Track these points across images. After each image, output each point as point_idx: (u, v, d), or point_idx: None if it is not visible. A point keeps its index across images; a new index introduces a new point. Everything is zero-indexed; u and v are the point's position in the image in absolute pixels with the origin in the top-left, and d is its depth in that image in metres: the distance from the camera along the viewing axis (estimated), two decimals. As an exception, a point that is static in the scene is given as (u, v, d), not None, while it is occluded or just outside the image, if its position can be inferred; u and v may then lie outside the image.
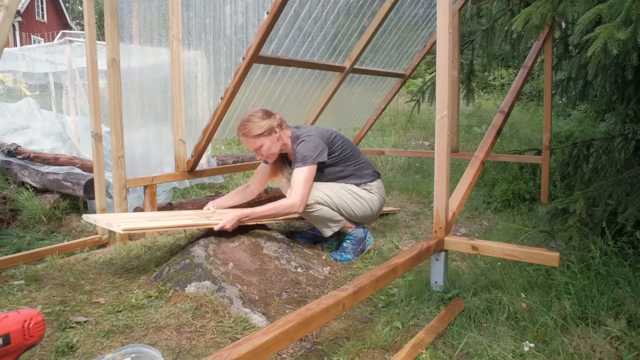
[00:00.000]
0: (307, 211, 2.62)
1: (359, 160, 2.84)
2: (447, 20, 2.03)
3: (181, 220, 2.50)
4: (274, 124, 2.63)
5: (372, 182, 2.86)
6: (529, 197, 3.88)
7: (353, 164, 2.81)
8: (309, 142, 2.62)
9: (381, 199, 2.89)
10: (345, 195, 2.73)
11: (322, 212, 2.65)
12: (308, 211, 2.62)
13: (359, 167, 2.83)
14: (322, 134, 2.72)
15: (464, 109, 8.73)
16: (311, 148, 2.59)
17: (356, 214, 2.76)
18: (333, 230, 2.72)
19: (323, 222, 2.70)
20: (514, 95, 3.44)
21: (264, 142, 2.63)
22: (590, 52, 1.79)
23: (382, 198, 2.90)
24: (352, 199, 2.74)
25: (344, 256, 2.70)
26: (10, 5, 2.29)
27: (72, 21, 27.27)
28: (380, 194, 2.87)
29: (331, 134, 2.77)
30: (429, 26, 4.78)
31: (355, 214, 2.76)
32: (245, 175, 5.52)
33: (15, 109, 6.10)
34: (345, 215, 2.74)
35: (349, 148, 2.81)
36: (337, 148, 2.75)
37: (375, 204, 2.85)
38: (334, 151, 2.73)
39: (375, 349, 1.72)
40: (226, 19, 3.10)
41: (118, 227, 2.23)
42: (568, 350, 1.60)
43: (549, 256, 1.92)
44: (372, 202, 2.82)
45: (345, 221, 2.74)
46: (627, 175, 2.47)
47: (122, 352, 1.50)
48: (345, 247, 2.74)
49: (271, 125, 2.62)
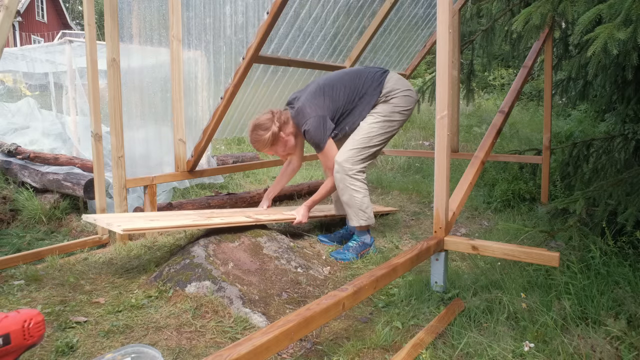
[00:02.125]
0: (353, 177, 2.66)
1: (360, 91, 2.73)
2: (447, 20, 2.03)
3: (184, 220, 2.50)
4: (275, 130, 2.66)
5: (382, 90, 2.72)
6: (529, 197, 3.88)
7: (358, 100, 2.73)
8: (310, 127, 2.63)
9: (399, 90, 2.72)
10: (371, 134, 2.69)
11: (360, 191, 2.67)
12: (354, 177, 2.67)
13: (363, 95, 2.73)
14: (317, 105, 2.66)
15: (464, 109, 8.73)
16: (315, 132, 2.63)
17: (394, 126, 2.74)
18: (360, 223, 2.71)
19: (357, 208, 2.69)
20: (514, 95, 3.44)
21: (276, 149, 2.77)
22: (590, 52, 1.79)
23: (398, 88, 2.73)
24: (377, 130, 2.70)
25: (347, 254, 2.69)
26: (10, 5, 2.29)
27: (72, 21, 27.27)
28: (394, 87, 2.72)
29: (323, 100, 2.68)
30: (429, 26, 4.78)
31: (393, 127, 2.74)
32: (245, 175, 5.52)
33: (16, 109, 6.11)
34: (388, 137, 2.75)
35: (344, 92, 2.71)
36: (340, 106, 2.71)
37: (399, 102, 2.72)
38: (337, 110, 2.71)
39: (375, 349, 1.72)
40: (226, 19, 3.11)
41: (118, 227, 2.23)
42: (568, 350, 1.60)
43: (549, 256, 1.92)
44: (393, 108, 2.72)
45: (372, 220, 2.74)
46: (627, 175, 2.47)
47: (122, 352, 1.50)
48: (350, 245, 2.74)
49: (273, 134, 2.66)
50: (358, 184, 2.68)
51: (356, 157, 2.67)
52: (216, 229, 2.53)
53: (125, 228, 2.22)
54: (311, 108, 2.64)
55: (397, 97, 2.71)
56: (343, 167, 2.65)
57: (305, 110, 2.65)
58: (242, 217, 2.72)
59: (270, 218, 2.75)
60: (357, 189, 2.68)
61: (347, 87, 2.72)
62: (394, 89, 2.71)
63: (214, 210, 3.17)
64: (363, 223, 2.71)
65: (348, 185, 2.67)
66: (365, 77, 2.74)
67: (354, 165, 2.67)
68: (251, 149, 7.38)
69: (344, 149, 2.69)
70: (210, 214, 2.85)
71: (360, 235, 2.76)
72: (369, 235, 2.78)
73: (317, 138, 2.64)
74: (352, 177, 2.67)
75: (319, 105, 2.65)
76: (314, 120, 2.62)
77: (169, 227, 2.40)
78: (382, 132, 2.70)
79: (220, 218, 2.61)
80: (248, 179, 5.40)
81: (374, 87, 2.71)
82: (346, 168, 2.65)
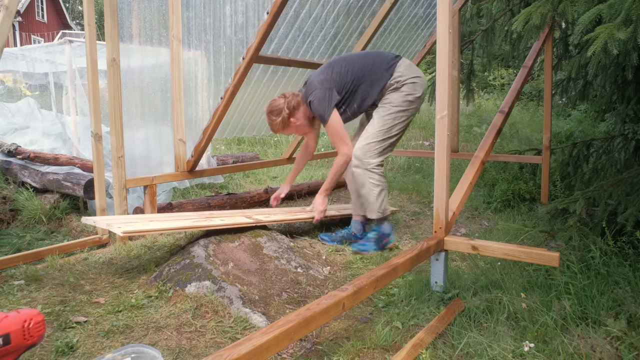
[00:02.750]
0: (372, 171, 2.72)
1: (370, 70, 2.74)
2: (447, 20, 2.03)
3: (183, 221, 2.50)
4: (285, 117, 2.80)
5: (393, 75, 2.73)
6: (529, 197, 3.88)
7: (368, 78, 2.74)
8: (315, 99, 2.71)
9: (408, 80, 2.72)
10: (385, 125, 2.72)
11: (379, 185, 2.73)
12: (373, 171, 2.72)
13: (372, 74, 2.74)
14: (324, 79, 2.73)
15: (464, 109, 8.73)
16: (320, 103, 2.70)
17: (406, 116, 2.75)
18: (377, 215, 2.77)
19: (373, 201, 2.74)
20: (514, 95, 3.44)
21: (290, 130, 2.93)
22: (591, 52, 1.79)
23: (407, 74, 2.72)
24: (391, 121, 2.72)
25: (367, 245, 2.76)
26: (10, 5, 2.28)
27: (72, 21, 27.26)
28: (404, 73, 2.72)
29: (331, 73, 2.74)
30: (429, 26, 4.78)
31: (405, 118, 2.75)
32: (245, 175, 5.52)
33: (16, 109, 6.10)
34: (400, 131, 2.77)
35: (352, 69, 2.74)
36: (348, 81, 2.73)
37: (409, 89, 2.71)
38: (345, 85, 2.74)
39: (375, 349, 1.72)
40: (226, 19, 3.11)
41: (118, 229, 2.23)
42: (568, 350, 1.60)
43: (549, 256, 1.92)
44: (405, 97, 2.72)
45: (388, 212, 2.81)
46: (627, 175, 2.46)
47: (122, 352, 1.50)
48: (370, 237, 2.80)
49: (283, 120, 2.81)
50: (377, 177, 2.75)
51: (374, 151, 2.72)
52: (216, 229, 2.53)
53: (125, 230, 2.22)
54: (318, 81, 2.74)
55: (407, 84, 2.72)
56: (362, 162, 2.71)
57: (312, 83, 2.75)
58: (242, 217, 2.73)
59: (286, 218, 2.84)
60: (376, 183, 2.74)
61: (356, 64, 2.76)
62: (404, 75, 2.72)
63: (214, 211, 3.17)
64: (380, 216, 2.78)
65: (367, 179, 2.73)
66: (375, 58, 2.79)
67: (372, 159, 2.72)
68: (251, 149, 7.39)
69: (360, 142, 2.74)
70: (210, 214, 2.85)
71: (379, 225, 2.82)
72: (387, 224, 2.83)
73: (321, 109, 2.70)
74: (371, 171, 2.72)
75: (326, 78, 2.73)
76: (319, 92, 2.70)
77: (168, 228, 2.41)
78: (396, 123, 2.73)
79: (220, 219, 2.61)
80: (248, 179, 5.40)
81: (384, 69, 2.73)
82: (365, 162, 2.71)
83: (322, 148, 7.19)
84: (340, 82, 2.72)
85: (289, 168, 5.89)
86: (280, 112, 2.79)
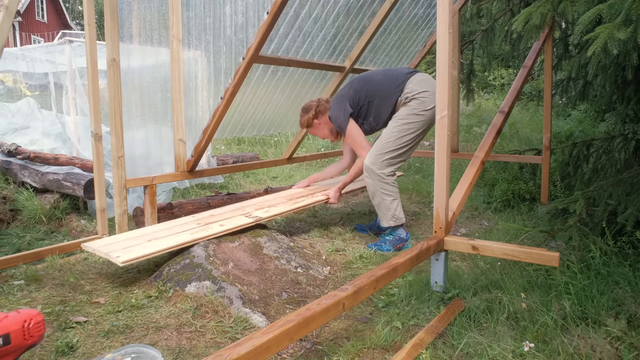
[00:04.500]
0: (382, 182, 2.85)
1: (382, 87, 2.94)
2: (447, 20, 2.03)
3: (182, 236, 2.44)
4: (310, 117, 3.12)
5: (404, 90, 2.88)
6: (529, 197, 3.88)
7: (379, 95, 2.94)
8: (332, 113, 3.02)
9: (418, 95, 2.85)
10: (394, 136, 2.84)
11: (390, 194, 2.85)
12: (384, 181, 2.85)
13: (383, 91, 2.93)
14: (342, 95, 3.02)
15: (464, 109, 8.74)
16: (336, 116, 2.98)
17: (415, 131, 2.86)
18: (390, 224, 2.88)
19: (385, 210, 2.85)
20: (514, 95, 3.44)
21: (312, 130, 3.22)
22: (591, 52, 1.79)
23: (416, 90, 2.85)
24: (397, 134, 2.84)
25: (383, 246, 2.85)
26: (10, 5, 2.28)
27: (72, 21, 27.26)
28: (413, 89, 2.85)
29: (348, 90, 3.01)
30: (429, 26, 4.78)
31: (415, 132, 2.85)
32: (245, 175, 5.52)
33: (16, 109, 6.10)
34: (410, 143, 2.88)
35: (367, 86, 2.96)
36: (362, 99, 2.97)
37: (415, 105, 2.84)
38: (359, 101, 2.98)
39: (375, 349, 1.72)
40: (226, 19, 3.10)
41: (117, 259, 2.12)
42: (568, 350, 1.60)
43: (549, 256, 1.92)
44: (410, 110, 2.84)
45: (402, 220, 2.90)
46: (627, 175, 2.46)
47: (122, 352, 1.50)
48: (387, 239, 2.89)
49: (308, 119, 3.13)
50: (388, 187, 2.86)
51: (383, 162, 2.85)
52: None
53: (124, 260, 2.12)
54: (337, 96, 3.04)
55: (415, 99, 2.85)
56: (373, 172, 2.85)
57: (334, 99, 3.07)
58: (242, 217, 2.72)
59: (288, 209, 2.91)
60: (388, 193, 2.86)
61: (371, 82, 2.99)
62: (414, 90, 2.86)
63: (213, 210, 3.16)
64: (392, 224, 2.89)
65: (378, 189, 2.86)
66: (390, 76, 2.97)
67: (382, 169, 2.84)
68: (251, 149, 7.39)
69: (371, 153, 2.90)
70: (209, 215, 2.85)
71: (395, 230, 2.91)
72: (404, 231, 2.94)
73: (338, 121, 2.97)
74: (381, 181, 2.84)
75: (344, 94, 3.01)
76: (336, 106, 3.00)
77: (168, 248, 2.32)
78: (404, 135, 2.85)
79: (219, 224, 2.59)
80: (248, 179, 5.40)
81: (395, 86, 2.90)
82: (376, 172, 2.84)
83: (322, 148, 7.20)
84: (355, 97, 2.98)
85: (289, 168, 5.89)
86: (308, 111, 3.12)
